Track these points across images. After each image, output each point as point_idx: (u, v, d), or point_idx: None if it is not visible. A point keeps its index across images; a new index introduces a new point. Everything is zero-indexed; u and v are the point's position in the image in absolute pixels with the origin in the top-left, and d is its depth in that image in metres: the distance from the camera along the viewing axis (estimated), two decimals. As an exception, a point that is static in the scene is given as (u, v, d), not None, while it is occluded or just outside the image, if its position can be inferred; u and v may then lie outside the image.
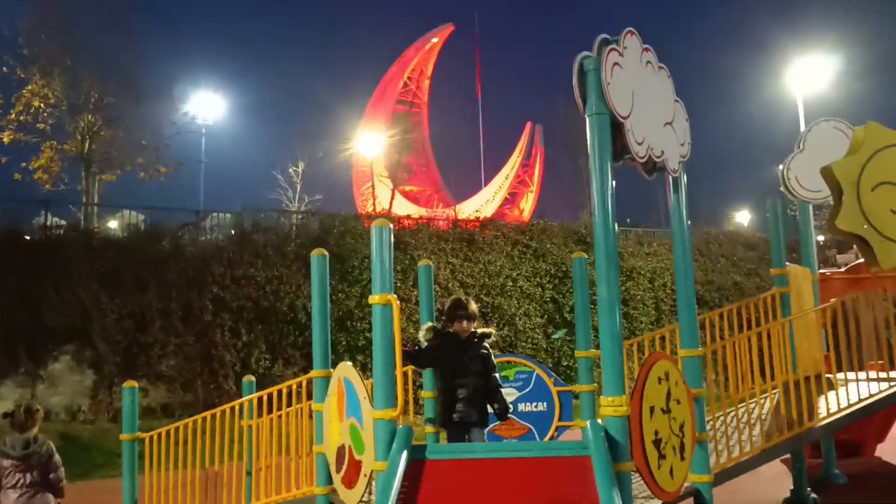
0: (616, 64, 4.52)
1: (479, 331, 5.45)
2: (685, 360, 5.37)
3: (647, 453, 4.52)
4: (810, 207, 9.05)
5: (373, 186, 31.65)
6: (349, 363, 5.18)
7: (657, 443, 4.65)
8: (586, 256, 6.67)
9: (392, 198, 28.07)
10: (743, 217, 45.59)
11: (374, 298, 4.61)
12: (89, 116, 20.10)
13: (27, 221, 15.47)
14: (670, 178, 5.36)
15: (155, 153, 21.23)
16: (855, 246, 6.84)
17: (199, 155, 31.29)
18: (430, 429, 6.18)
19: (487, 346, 5.47)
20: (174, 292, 14.51)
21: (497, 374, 5.45)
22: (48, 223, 15.53)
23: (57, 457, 5.70)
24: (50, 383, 13.54)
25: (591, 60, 4.44)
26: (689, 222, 5.52)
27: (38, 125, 19.79)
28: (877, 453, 9.79)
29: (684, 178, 5.47)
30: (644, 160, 4.86)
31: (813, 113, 21.00)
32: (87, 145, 19.97)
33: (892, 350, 7.18)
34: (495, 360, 5.59)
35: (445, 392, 5.33)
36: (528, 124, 47.00)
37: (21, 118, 19.67)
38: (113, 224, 19.96)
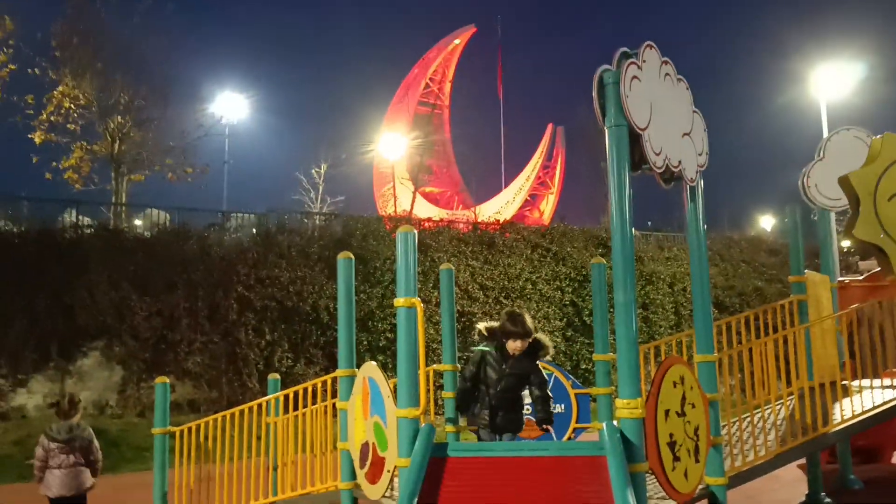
0: (635, 77, 4.67)
1: (539, 338, 5.36)
2: (700, 364, 5.50)
3: (661, 455, 4.66)
4: (831, 215, 9.12)
5: (394, 188, 31.89)
6: (374, 363, 5.38)
7: (672, 445, 4.79)
8: (605, 262, 6.82)
9: (413, 200, 28.26)
10: (766, 222, 45.30)
11: (399, 301, 4.80)
12: (119, 118, 20.50)
13: (57, 220, 15.84)
14: (688, 186, 5.50)
15: (182, 155, 21.62)
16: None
17: (223, 156, 31.70)
18: (450, 428, 6.36)
19: (538, 363, 5.39)
20: (201, 291, 14.81)
21: (540, 387, 5.37)
22: (79, 222, 15.89)
23: (96, 441, 6.64)
24: (79, 378, 13.88)
25: (610, 74, 4.60)
26: (705, 228, 5.65)
27: (68, 126, 20.21)
28: (894, 460, 9.81)
29: (701, 186, 5.60)
30: (662, 170, 5.01)
31: (836, 119, 20.93)
32: (116, 146, 20.37)
33: None
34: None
35: (484, 398, 5.44)
36: (550, 126, 47.01)
37: (52, 119, 20.08)
38: (138, 223, 20.35)
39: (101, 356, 14.15)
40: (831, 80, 22.49)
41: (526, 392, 5.61)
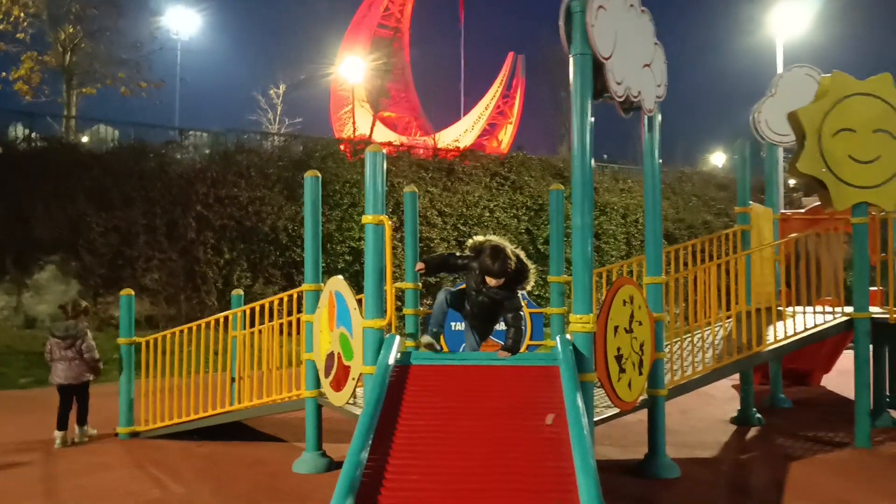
0: (601, 7, 4.82)
1: (522, 263, 5.21)
2: (649, 286, 5.86)
3: (609, 367, 5.04)
4: (779, 150, 9.51)
5: (353, 111, 31.53)
6: (340, 277, 5.60)
7: (619, 358, 5.17)
8: (563, 189, 7.09)
9: (373, 125, 28.05)
10: (718, 158, 46.08)
11: (367, 218, 5.01)
12: (70, 28, 19.74)
13: (8, 131, 15.43)
14: (645, 117, 5.73)
15: (136, 68, 20.99)
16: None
17: (176, 72, 30.83)
18: (410, 343, 6.66)
19: (517, 293, 5.25)
20: (158, 209, 14.75)
21: (515, 315, 5.13)
22: (31, 135, 15.53)
23: (89, 339, 7.32)
24: (35, 292, 13.85)
25: (577, 2, 4.74)
26: (660, 160, 5.93)
27: (17, 35, 19.38)
28: (822, 383, 10.52)
29: (659, 118, 5.85)
30: (622, 99, 5.23)
31: (792, 58, 21.26)
32: (68, 57, 19.68)
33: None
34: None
35: (464, 296, 5.30)
36: (511, 54, 46.53)
37: (1, 27, 19.24)
38: (85, 139, 19.81)
39: (57, 270, 14.09)
40: (787, 18, 22.74)
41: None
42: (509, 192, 19.15)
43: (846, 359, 9.06)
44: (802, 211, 9.57)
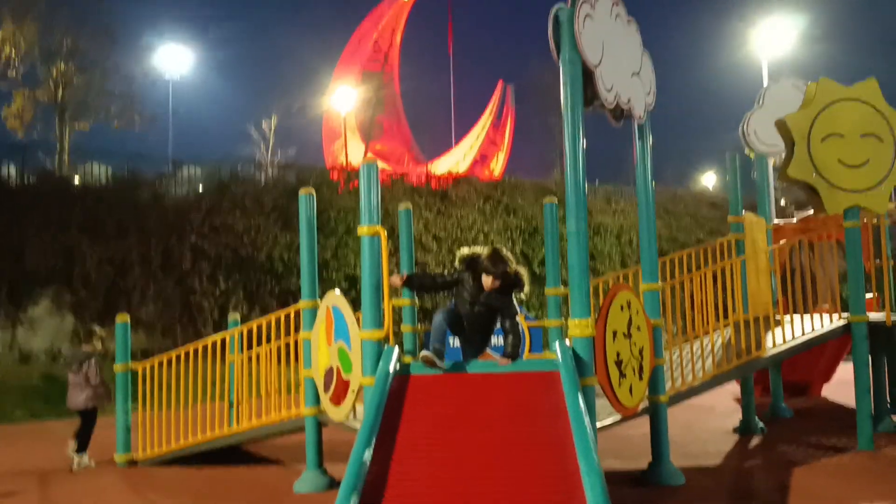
0: (588, 16, 4.92)
1: (518, 271, 5.14)
2: (645, 293, 5.86)
3: (609, 371, 5.03)
4: (768, 162, 9.58)
5: (345, 140, 31.70)
6: (337, 291, 5.59)
7: (619, 363, 5.16)
8: (556, 201, 7.11)
9: (365, 155, 28.19)
10: (709, 179, 46.38)
11: (363, 230, 5.02)
12: (62, 64, 19.89)
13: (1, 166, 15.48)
14: (636, 125, 5.79)
15: (130, 101, 21.11)
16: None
17: (169, 109, 31.05)
18: (407, 359, 6.60)
19: (513, 297, 5.18)
20: (153, 239, 14.74)
21: (513, 321, 5.07)
22: (24, 170, 15.57)
23: (94, 364, 7.30)
24: (30, 326, 13.77)
25: (564, 12, 4.84)
26: (653, 182, 5.95)
27: (9, 72, 19.52)
28: (822, 394, 10.49)
29: (649, 126, 5.90)
30: (612, 106, 5.29)
31: (777, 75, 21.57)
32: (60, 92, 19.81)
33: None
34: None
35: (455, 314, 5.18)
36: (500, 84, 46.84)
37: (-8, 66, 19.40)
38: (76, 181, 19.74)
39: (51, 303, 14.02)
40: (771, 37, 23.08)
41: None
42: (503, 215, 19.24)
43: (845, 370, 9.05)
44: (794, 221, 9.61)
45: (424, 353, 5.07)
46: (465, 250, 5.26)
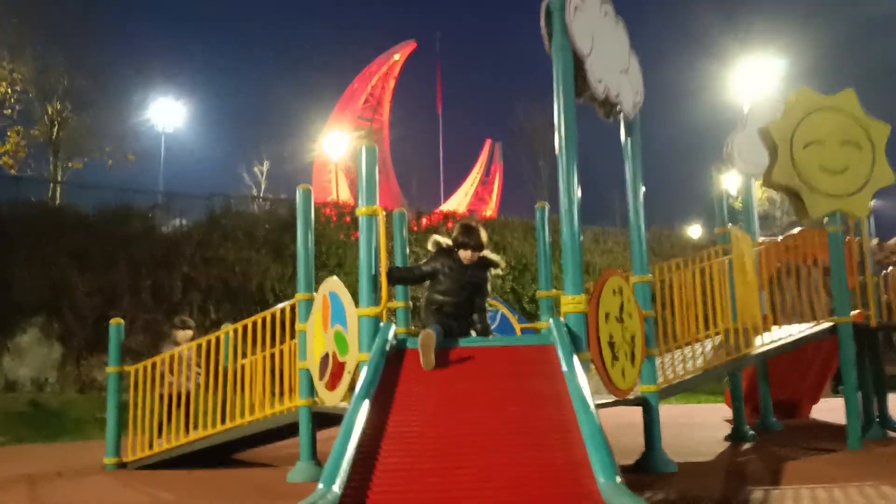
0: (577, 7, 5.14)
1: (488, 255, 5.29)
2: (637, 285, 5.98)
3: (602, 351, 5.10)
4: (753, 183, 9.82)
5: (336, 175, 32.06)
6: (335, 277, 5.68)
7: (611, 345, 5.23)
8: (548, 205, 7.26)
9: (355, 199, 28.45)
10: (694, 231, 46.78)
11: (360, 210, 5.14)
12: (58, 103, 20.17)
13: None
14: (624, 121, 6.00)
15: (123, 138, 21.38)
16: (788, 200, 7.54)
17: (162, 151, 31.37)
18: (400, 329, 6.57)
19: (489, 274, 5.33)
20: (144, 270, 14.76)
21: (484, 300, 5.26)
22: (16, 201, 15.65)
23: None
24: (17, 355, 13.65)
25: (556, 1, 5.06)
26: (640, 176, 6.13)
27: (4, 111, 19.76)
28: (811, 415, 10.52)
29: (638, 124, 6.11)
30: (602, 97, 5.49)
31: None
32: (55, 131, 20.03)
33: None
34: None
35: (434, 303, 5.20)
36: (488, 142, 47.91)
37: (-13, 104, 19.62)
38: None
39: (39, 332, 13.94)
40: (752, 80, 23.74)
41: None
42: (493, 252, 19.35)
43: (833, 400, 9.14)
44: (779, 239, 9.79)
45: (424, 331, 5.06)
46: (435, 237, 5.35)
